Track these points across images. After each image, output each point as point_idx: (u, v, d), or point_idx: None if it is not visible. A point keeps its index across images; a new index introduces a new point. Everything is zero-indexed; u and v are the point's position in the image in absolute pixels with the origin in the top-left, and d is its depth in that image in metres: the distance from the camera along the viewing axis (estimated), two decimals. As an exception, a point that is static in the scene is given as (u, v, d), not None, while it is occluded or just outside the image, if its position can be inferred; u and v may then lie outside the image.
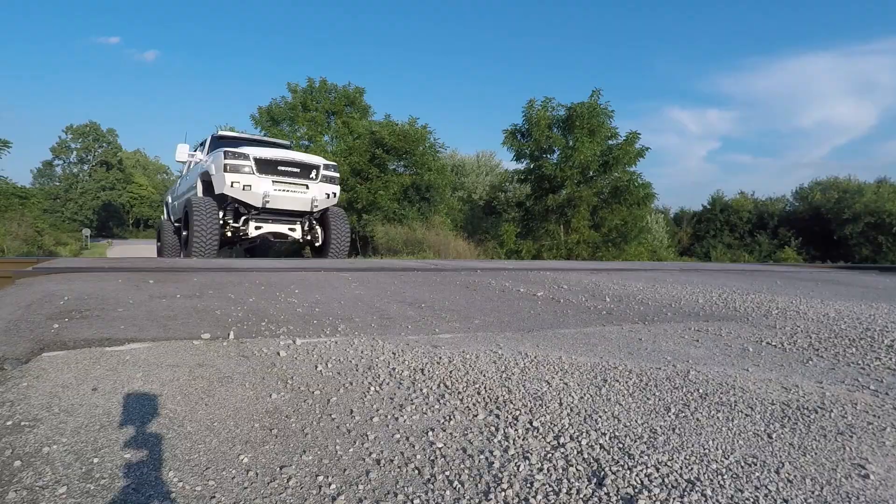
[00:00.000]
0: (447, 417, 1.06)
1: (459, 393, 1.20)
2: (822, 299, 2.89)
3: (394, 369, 1.35)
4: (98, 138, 61.04)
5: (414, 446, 0.93)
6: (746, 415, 1.11)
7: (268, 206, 6.43)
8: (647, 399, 1.19)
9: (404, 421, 1.04)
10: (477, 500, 0.77)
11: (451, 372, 1.34)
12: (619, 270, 4.50)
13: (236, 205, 6.53)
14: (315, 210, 6.86)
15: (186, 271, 3.17)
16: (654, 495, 0.78)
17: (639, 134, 14.07)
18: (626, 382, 1.30)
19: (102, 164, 60.43)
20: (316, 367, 1.35)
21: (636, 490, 0.80)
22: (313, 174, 6.83)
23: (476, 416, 1.07)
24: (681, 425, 1.05)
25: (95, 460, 0.84)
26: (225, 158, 6.25)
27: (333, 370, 1.33)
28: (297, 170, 6.67)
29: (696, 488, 0.80)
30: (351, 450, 0.91)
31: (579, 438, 0.97)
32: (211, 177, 6.41)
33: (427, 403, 1.13)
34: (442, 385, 1.25)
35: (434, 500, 0.77)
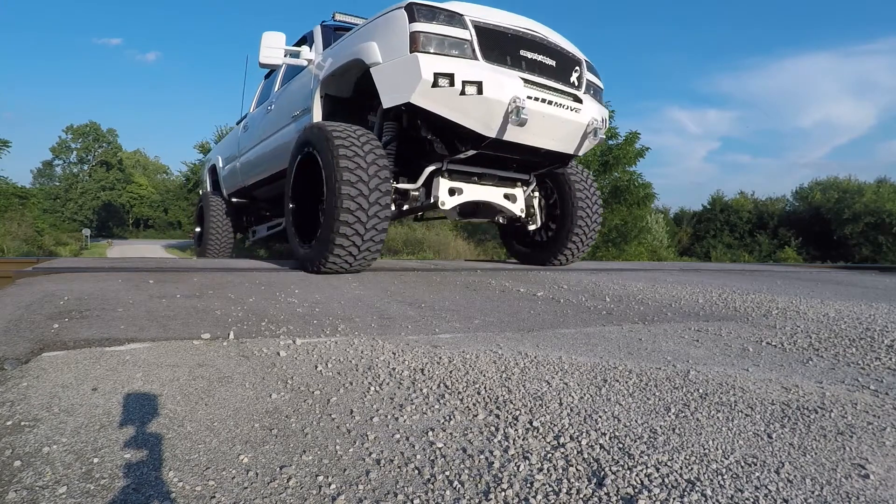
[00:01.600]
0: (447, 417, 1.06)
1: (459, 393, 1.20)
2: (822, 299, 2.89)
3: (394, 369, 1.35)
4: (98, 138, 61.14)
5: (414, 446, 0.93)
6: (746, 415, 1.11)
7: (505, 137, 3.00)
8: (647, 399, 1.19)
9: (404, 421, 1.04)
10: (477, 500, 0.77)
11: (451, 372, 1.34)
12: (619, 270, 4.50)
13: (428, 136, 3.13)
14: (580, 152, 3.50)
15: (186, 271, 3.17)
16: (654, 495, 0.78)
17: (639, 134, 14.10)
18: (626, 382, 1.30)
19: (102, 164, 60.53)
20: (316, 367, 1.35)
21: (636, 490, 0.80)
22: (575, 76, 3.33)
23: (476, 416, 1.07)
24: (681, 425, 1.05)
25: (95, 460, 0.84)
26: (416, 20, 2.81)
27: (333, 370, 1.33)
28: (553, 62, 3.20)
29: (696, 488, 0.80)
30: (351, 450, 0.91)
31: (579, 438, 0.97)
32: (370, 68, 2.99)
33: (427, 403, 1.13)
34: (442, 385, 1.25)
35: (434, 500, 0.77)
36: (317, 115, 3.66)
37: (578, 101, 3.29)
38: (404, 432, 0.99)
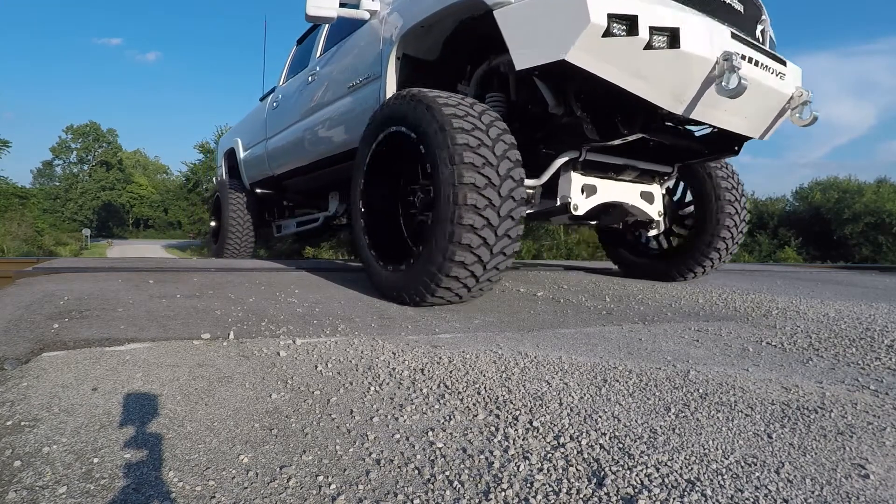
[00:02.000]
0: (447, 417, 1.06)
1: (459, 393, 1.20)
2: (822, 299, 2.89)
3: (394, 369, 1.35)
4: (98, 138, 61.22)
5: (414, 446, 0.93)
6: (746, 415, 1.11)
7: (693, 115, 2.19)
8: (647, 399, 1.19)
9: (404, 421, 1.04)
10: (477, 500, 0.77)
11: (451, 372, 1.34)
12: (619, 270, 4.50)
13: (578, 113, 2.30)
14: (766, 137, 2.65)
15: (186, 271, 3.17)
16: (654, 495, 0.78)
17: (639, 134, 14.05)
18: (626, 382, 1.30)
19: (102, 164, 60.63)
20: (316, 367, 1.35)
21: (636, 490, 0.80)
22: (760, 29, 2.60)
23: (476, 416, 1.07)
24: (681, 425, 1.05)
25: (95, 460, 0.84)
26: None
27: (333, 370, 1.33)
28: (741, 7, 2.45)
29: (696, 488, 0.80)
30: (351, 450, 0.91)
31: (579, 438, 0.97)
32: (493, 10, 2.10)
33: (427, 403, 1.13)
34: (442, 385, 1.25)
35: (434, 500, 0.77)
36: (390, 84, 2.76)
37: (781, 62, 2.39)
38: (404, 432, 0.99)
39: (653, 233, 3.29)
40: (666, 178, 3.04)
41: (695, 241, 3.28)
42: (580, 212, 2.55)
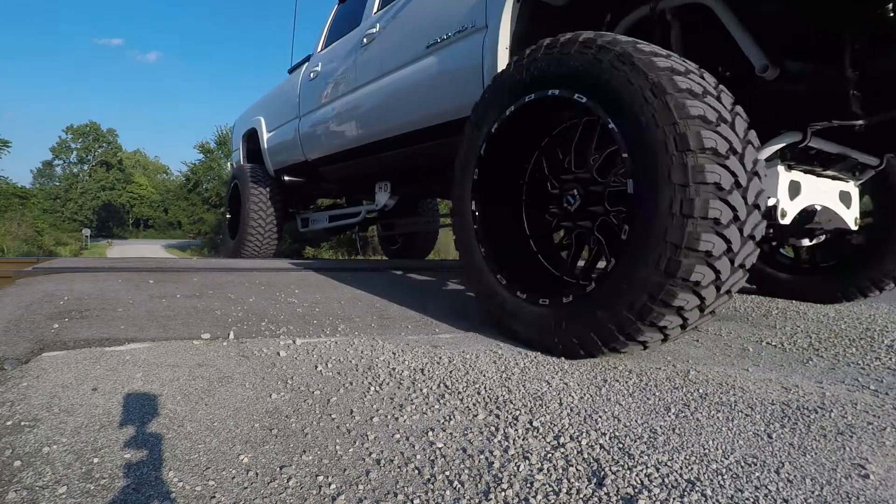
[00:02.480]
0: (447, 417, 1.06)
1: (459, 393, 1.20)
2: (822, 299, 2.89)
3: (394, 369, 1.35)
4: (98, 138, 61.25)
5: (414, 446, 0.93)
6: (746, 415, 1.12)
7: None
8: (647, 399, 1.19)
9: (404, 421, 1.04)
10: (477, 500, 0.77)
11: (451, 372, 1.34)
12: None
13: (849, 79, 1.47)
14: None
15: (186, 271, 3.17)
16: (654, 495, 0.78)
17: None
18: (626, 382, 1.30)
19: (102, 164, 60.67)
20: (316, 367, 1.35)
21: (636, 490, 0.80)
22: None
23: (476, 416, 1.07)
24: (681, 425, 1.05)
25: (95, 460, 0.84)
26: None
27: (333, 370, 1.33)
28: None
29: (696, 488, 0.80)
30: (351, 450, 0.91)
31: (579, 438, 0.97)
32: None
33: (427, 403, 1.13)
34: (442, 385, 1.25)
35: (434, 500, 0.77)
36: (503, 37, 2.07)
37: None
38: (404, 432, 0.99)
39: (812, 242, 2.51)
40: (864, 173, 2.22)
41: (878, 249, 2.52)
42: (787, 220, 1.78)
